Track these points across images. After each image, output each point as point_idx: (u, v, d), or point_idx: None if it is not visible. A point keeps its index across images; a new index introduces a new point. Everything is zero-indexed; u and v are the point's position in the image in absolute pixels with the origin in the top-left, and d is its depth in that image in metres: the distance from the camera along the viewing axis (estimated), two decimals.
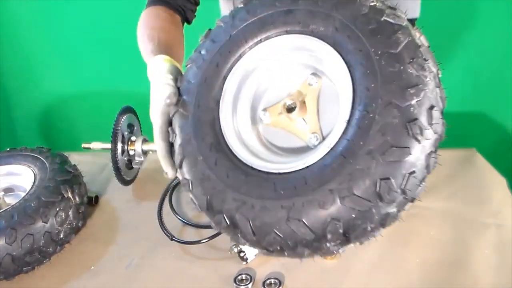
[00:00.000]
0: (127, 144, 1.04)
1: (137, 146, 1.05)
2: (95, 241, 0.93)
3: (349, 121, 0.65)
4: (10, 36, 1.86)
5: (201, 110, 0.76)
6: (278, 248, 0.65)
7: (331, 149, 0.65)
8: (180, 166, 0.74)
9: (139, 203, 1.06)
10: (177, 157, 0.75)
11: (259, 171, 0.70)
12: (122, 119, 1.03)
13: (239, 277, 0.78)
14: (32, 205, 0.85)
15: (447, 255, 0.80)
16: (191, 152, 0.73)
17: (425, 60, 0.64)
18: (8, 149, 1.05)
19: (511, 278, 0.74)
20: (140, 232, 0.94)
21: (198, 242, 0.86)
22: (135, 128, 1.09)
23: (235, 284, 0.77)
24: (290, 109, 0.77)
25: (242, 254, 0.81)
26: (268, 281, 0.77)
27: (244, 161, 0.72)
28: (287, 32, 0.76)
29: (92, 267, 0.86)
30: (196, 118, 0.76)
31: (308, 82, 0.77)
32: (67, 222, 0.88)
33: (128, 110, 1.07)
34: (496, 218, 0.86)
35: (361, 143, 0.61)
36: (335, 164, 0.62)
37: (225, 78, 0.78)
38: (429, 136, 0.61)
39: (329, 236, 0.61)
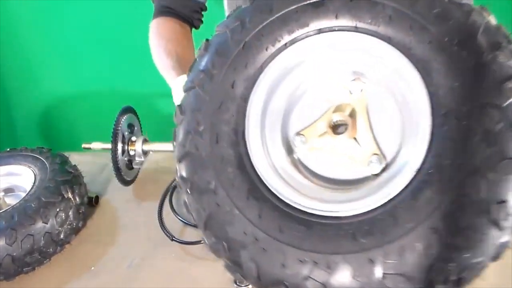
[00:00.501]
0: (128, 144, 1.04)
1: (138, 146, 1.05)
2: (95, 242, 0.93)
3: (432, 134, 0.52)
4: (10, 36, 1.86)
5: (221, 147, 0.59)
6: None
7: (418, 172, 0.51)
8: (206, 227, 0.57)
9: (140, 203, 1.06)
10: (199, 215, 0.58)
11: (324, 217, 0.54)
12: (123, 119, 1.03)
13: None
14: (32, 205, 0.84)
15: None
16: (219, 206, 0.56)
17: (510, 43, 0.52)
18: (8, 149, 1.05)
19: None
20: (140, 233, 0.94)
21: (198, 242, 0.86)
22: (136, 128, 1.09)
23: (235, 285, 0.77)
24: (335, 127, 0.62)
25: None
26: None
27: (298, 207, 0.56)
28: (320, 31, 0.60)
29: (93, 268, 0.86)
30: (216, 159, 0.58)
31: (349, 90, 0.62)
32: (67, 222, 0.88)
33: (128, 110, 1.07)
34: None
35: (460, 160, 0.49)
36: (430, 192, 0.49)
37: (246, 101, 0.62)
38: None
39: (439, 286, 0.48)
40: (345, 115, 0.61)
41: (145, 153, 1.06)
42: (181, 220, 0.93)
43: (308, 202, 0.56)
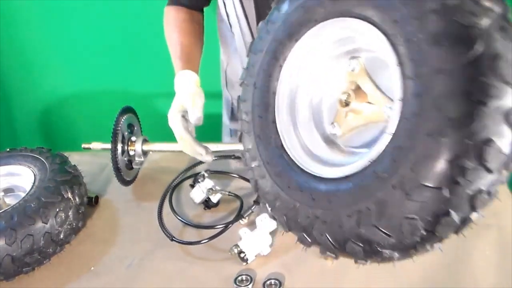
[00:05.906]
0: (127, 145, 1.04)
1: (137, 147, 1.05)
2: (95, 242, 0.93)
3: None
4: (10, 36, 1.86)
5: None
6: None
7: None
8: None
9: (139, 203, 1.06)
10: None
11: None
12: (122, 119, 1.03)
13: (239, 278, 0.78)
14: (32, 205, 0.84)
15: (447, 255, 0.79)
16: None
17: None
18: (8, 149, 1.05)
19: None
20: (140, 233, 0.94)
21: (198, 242, 0.86)
22: (135, 128, 1.09)
23: (235, 285, 0.77)
24: (348, 103, 0.74)
25: (242, 255, 0.80)
26: (268, 282, 0.77)
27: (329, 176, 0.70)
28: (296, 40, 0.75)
29: (92, 268, 0.86)
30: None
31: (350, 69, 0.74)
32: (67, 222, 0.88)
33: (128, 110, 1.07)
34: (497, 219, 0.86)
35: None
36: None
37: (275, 123, 0.79)
38: None
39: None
40: (351, 89, 0.73)
41: (145, 153, 1.06)
42: (181, 220, 0.93)
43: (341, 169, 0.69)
